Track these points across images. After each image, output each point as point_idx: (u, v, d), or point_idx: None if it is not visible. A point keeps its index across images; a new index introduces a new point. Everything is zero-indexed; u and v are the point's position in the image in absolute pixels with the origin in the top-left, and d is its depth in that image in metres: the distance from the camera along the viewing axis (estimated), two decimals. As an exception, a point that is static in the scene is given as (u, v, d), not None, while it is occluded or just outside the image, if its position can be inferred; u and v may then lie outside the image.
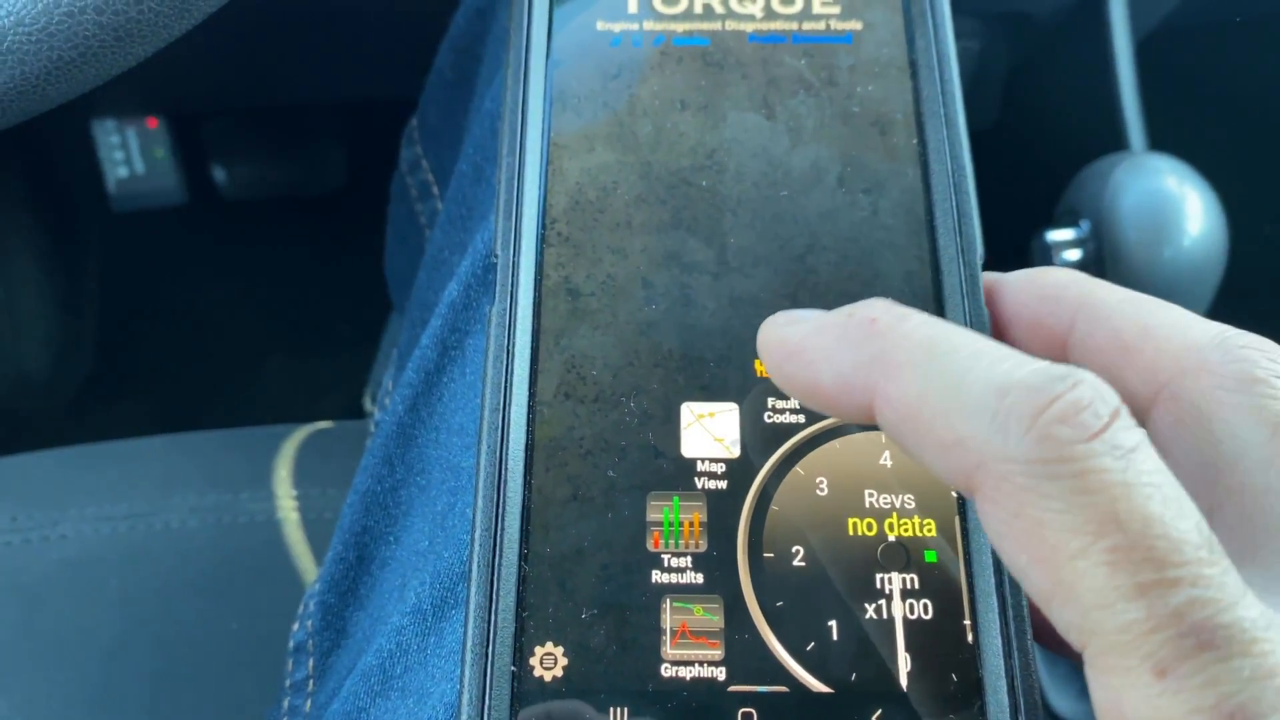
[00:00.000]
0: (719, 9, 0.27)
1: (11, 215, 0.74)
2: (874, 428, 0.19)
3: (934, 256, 0.24)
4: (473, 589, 0.21)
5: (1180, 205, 0.46)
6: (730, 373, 0.23)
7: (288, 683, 0.34)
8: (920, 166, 0.25)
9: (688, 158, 0.25)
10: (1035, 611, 0.21)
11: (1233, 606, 0.14)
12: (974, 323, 0.23)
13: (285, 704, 0.34)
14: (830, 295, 0.24)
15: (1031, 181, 0.61)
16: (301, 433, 0.51)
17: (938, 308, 0.24)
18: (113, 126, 0.86)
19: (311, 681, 0.33)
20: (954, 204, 0.25)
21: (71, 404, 0.86)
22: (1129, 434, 0.15)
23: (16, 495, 0.47)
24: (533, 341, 0.23)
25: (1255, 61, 0.73)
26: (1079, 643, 0.15)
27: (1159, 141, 0.61)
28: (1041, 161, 0.66)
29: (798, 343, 0.18)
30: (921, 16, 0.27)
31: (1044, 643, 0.21)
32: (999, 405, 0.15)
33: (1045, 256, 0.50)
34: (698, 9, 0.27)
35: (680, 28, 0.27)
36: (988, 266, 0.25)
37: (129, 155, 0.87)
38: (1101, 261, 0.48)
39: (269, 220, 0.95)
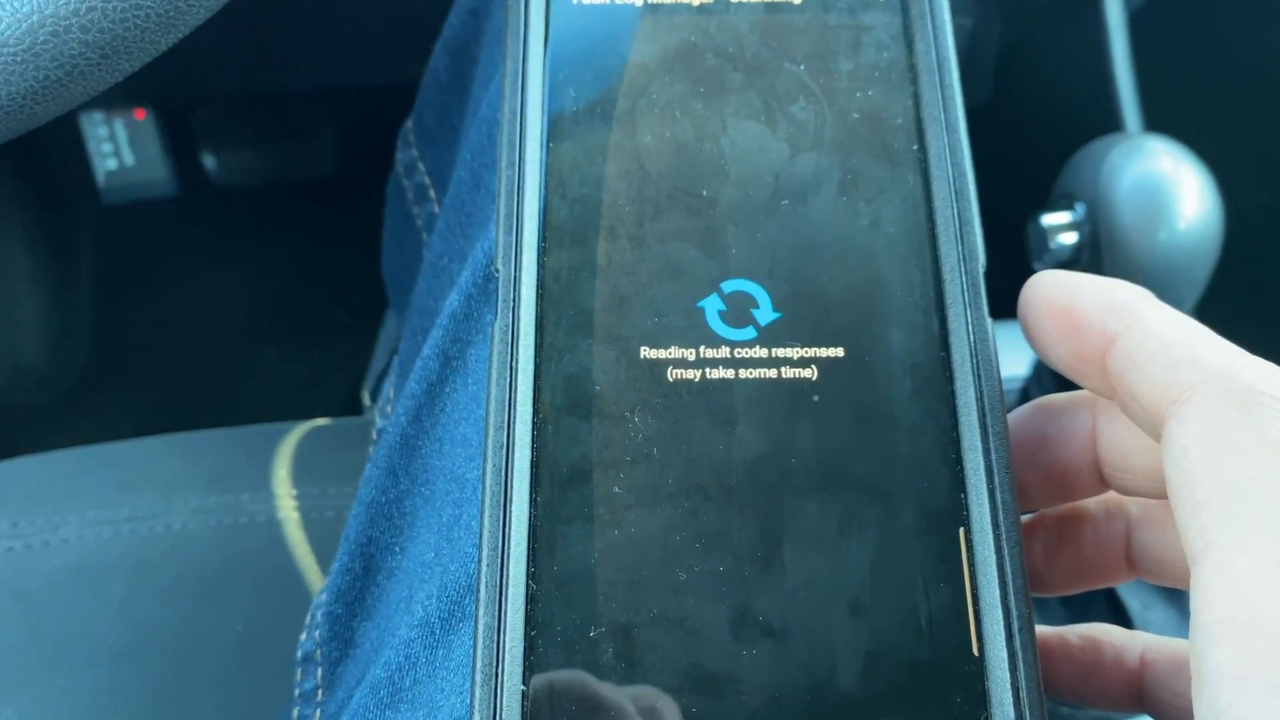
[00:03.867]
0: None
1: (2, 212, 0.73)
2: None
3: (935, 265, 0.24)
4: (481, 608, 0.21)
5: (1175, 189, 0.46)
6: None
7: (296, 693, 0.34)
8: (921, 173, 0.25)
9: (689, 168, 0.25)
10: None
11: None
12: (976, 332, 0.23)
13: (295, 714, 0.34)
14: (831, 303, 0.24)
15: (1026, 163, 0.61)
16: (299, 430, 0.51)
17: (939, 317, 0.24)
18: (100, 119, 0.85)
19: (320, 692, 0.34)
20: (955, 211, 0.24)
21: (68, 396, 0.86)
22: None
23: (17, 500, 0.47)
24: (536, 357, 0.23)
25: (1252, 28, 0.73)
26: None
27: (1155, 112, 0.61)
28: (1036, 142, 0.66)
29: None
30: (921, 19, 0.26)
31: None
32: None
33: (1041, 240, 0.50)
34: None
35: (682, 35, 0.26)
36: (989, 269, 0.25)
37: (117, 147, 0.87)
38: (1097, 245, 0.48)
39: (261, 208, 0.95)
